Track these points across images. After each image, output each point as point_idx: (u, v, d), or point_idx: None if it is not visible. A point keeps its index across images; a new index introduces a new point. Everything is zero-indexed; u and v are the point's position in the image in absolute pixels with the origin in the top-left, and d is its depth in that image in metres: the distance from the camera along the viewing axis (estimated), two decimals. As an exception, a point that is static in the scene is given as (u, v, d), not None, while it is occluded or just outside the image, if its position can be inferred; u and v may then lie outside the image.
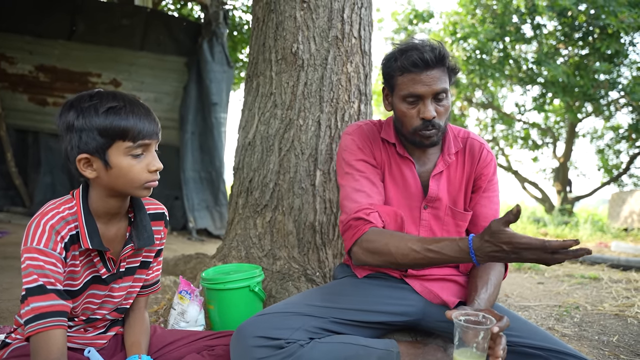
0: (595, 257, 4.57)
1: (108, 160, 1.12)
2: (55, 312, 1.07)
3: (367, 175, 1.52)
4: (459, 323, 1.13)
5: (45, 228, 1.10)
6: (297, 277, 2.03)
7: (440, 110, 1.44)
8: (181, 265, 2.74)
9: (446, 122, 1.50)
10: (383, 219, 1.45)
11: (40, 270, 1.08)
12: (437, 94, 1.42)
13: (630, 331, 2.18)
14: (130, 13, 6.05)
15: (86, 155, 1.12)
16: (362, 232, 1.39)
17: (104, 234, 1.22)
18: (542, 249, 1.08)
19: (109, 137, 1.11)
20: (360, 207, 1.44)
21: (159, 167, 1.18)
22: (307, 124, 2.13)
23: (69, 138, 1.13)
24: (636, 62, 11.04)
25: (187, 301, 1.76)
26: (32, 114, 5.73)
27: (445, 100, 1.45)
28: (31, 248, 1.08)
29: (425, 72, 1.40)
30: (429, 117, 1.42)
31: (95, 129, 1.10)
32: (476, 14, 11.60)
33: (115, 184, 1.15)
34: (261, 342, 1.20)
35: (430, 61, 1.39)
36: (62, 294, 1.11)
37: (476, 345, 1.12)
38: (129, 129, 1.11)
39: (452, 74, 1.47)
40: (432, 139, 1.48)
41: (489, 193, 1.60)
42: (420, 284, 1.54)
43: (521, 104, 13.93)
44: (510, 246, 1.12)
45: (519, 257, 1.13)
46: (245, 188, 2.22)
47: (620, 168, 13.97)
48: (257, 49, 2.28)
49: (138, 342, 1.32)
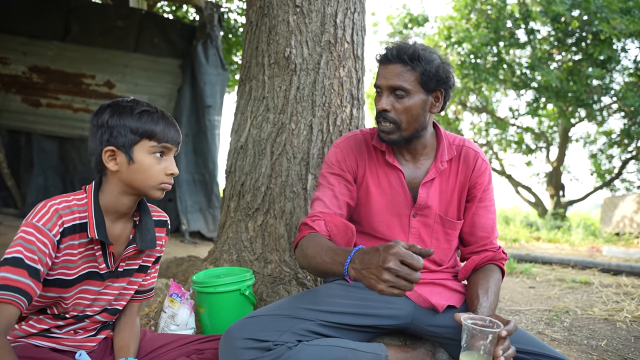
0: (586, 262, 4.61)
1: (132, 155, 1.20)
2: (17, 289, 1.06)
3: (334, 188, 1.55)
4: (468, 326, 1.16)
5: (50, 210, 1.15)
6: (288, 281, 2.03)
7: (397, 107, 1.45)
8: (173, 267, 2.73)
9: (412, 124, 1.47)
10: (329, 228, 1.46)
11: (28, 245, 1.10)
12: (393, 89, 1.44)
13: (618, 335, 2.20)
14: (125, 15, 6.03)
15: (113, 148, 1.20)
16: (301, 237, 1.45)
17: (109, 231, 1.25)
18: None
19: (138, 135, 1.21)
20: (313, 213, 1.50)
21: (176, 172, 1.26)
22: (299, 128, 2.14)
23: (99, 134, 1.21)
24: (628, 68, 11.16)
25: (178, 304, 1.76)
26: (25, 115, 5.70)
27: (406, 99, 1.44)
28: (30, 223, 1.13)
29: (386, 65, 1.46)
30: (379, 107, 1.46)
31: (127, 127, 1.20)
32: (471, 18, 11.67)
33: (133, 180, 1.22)
34: (249, 344, 1.20)
35: (390, 56, 1.44)
36: (37, 274, 1.10)
37: (483, 349, 1.14)
38: (158, 131, 1.22)
39: (426, 78, 1.43)
40: (390, 136, 1.48)
41: (486, 202, 1.61)
42: (409, 287, 1.55)
43: (515, 109, 14.00)
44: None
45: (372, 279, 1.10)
46: (237, 191, 2.22)
47: (612, 173, 14.07)
48: (250, 52, 2.29)
49: (127, 346, 1.32)
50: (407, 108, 1.45)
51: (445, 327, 1.46)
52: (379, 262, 1.06)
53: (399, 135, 1.48)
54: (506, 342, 1.18)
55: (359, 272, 1.12)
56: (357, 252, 1.16)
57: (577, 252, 6.65)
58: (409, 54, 1.42)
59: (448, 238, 1.60)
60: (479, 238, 1.61)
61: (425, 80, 1.44)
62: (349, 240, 1.48)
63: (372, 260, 1.09)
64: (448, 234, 1.60)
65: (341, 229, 1.47)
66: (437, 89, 1.47)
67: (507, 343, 1.18)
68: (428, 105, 1.48)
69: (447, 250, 1.62)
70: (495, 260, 1.56)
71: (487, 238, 1.60)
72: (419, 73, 1.43)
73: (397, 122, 1.46)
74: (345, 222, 1.49)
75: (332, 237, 1.46)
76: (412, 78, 1.43)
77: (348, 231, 1.47)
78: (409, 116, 1.46)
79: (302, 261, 1.43)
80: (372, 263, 1.08)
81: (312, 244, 1.38)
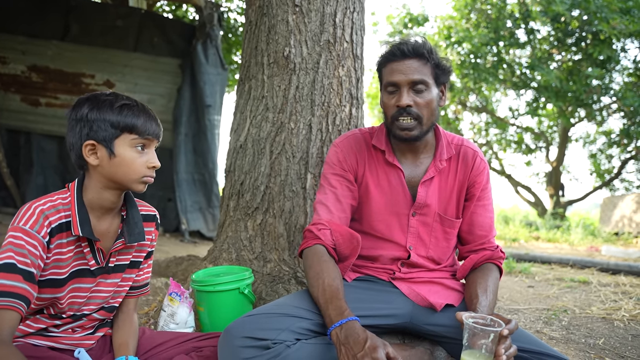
0: (585, 261, 4.62)
1: (113, 149, 1.20)
2: (15, 294, 1.07)
3: (337, 191, 1.56)
4: (470, 325, 1.16)
5: (35, 211, 1.15)
6: (287, 280, 2.04)
7: (419, 101, 1.46)
8: (173, 267, 2.74)
9: (430, 118, 1.49)
10: (334, 237, 1.48)
11: (18, 249, 1.10)
12: (414, 83, 1.45)
13: (616, 334, 2.21)
14: (125, 14, 6.03)
15: (93, 142, 1.19)
16: (306, 246, 1.47)
17: (96, 227, 1.25)
18: None
19: (119, 128, 1.20)
20: (318, 220, 1.51)
21: (157, 164, 1.25)
22: (299, 128, 2.14)
23: (78, 128, 1.20)
24: (628, 68, 11.17)
25: (177, 303, 1.77)
26: (25, 114, 5.70)
27: (426, 93, 1.46)
28: (17, 227, 1.13)
29: (402, 61, 1.46)
30: (403, 104, 1.45)
31: (107, 121, 1.19)
32: (471, 18, 11.67)
33: (115, 174, 1.21)
34: (248, 342, 1.21)
35: (407, 51, 1.45)
36: (32, 277, 1.11)
37: (485, 347, 1.15)
38: (139, 124, 1.21)
39: (439, 71, 1.48)
40: (411, 132, 1.48)
41: (484, 201, 1.61)
42: (408, 286, 1.55)
43: (515, 108, 14.01)
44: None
45: None
46: (237, 191, 2.23)
47: (612, 173, 14.08)
48: (250, 52, 2.29)
49: (126, 344, 1.33)
50: (428, 102, 1.47)
51: (443, 325, 1.47)
52: (357, 355, 1.10)
53: (420, 130, 1.49)
54: (508, 341, 1.19)
55: (339, 342, 1.17)
56: (348, 324, 1.19)
57: (576, 251, 6.66)
58: (427, 48, 1.45)
59: (447, 237, 1.61)
60: (477, 237, 1.61)
61: (438, 73, 1.48)
62: (354, 249, 1.49)
63: (354, 346, 1.13)
64: (447, 232, 1.60)
65: (347, 238, 1.48)
66: (444, 82, 1.51)
67: (508, 342, 1.19)
68: (439, 99, 1.53)
69: (445, 249, 1.62)
70: (493, 259, 1.57)
71: (485, 237, 1.60)
72: (432, 66, 1.47)
73: (420, 117, 1.47)
74: (351, 232, 1.50)
75: (337, 246, 1.48)
76: (429, 72, 1.46)
77: (353, 240, 1.49)
78: (429, 110, 1.48)
79: (304, 268, 1.47)
80: (353, 348, 1.12)
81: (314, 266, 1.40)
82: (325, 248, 1.46)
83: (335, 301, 1.27)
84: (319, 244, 1.46)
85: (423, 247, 1.59)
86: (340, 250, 1.49)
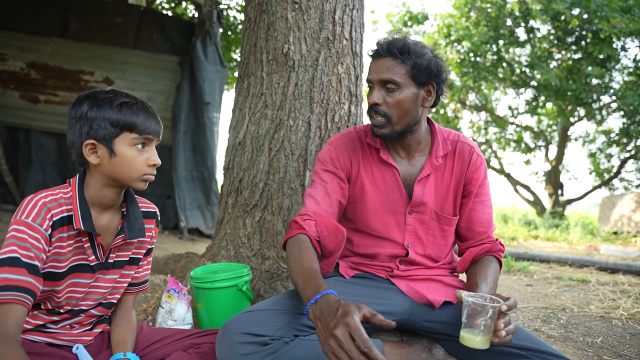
0: (584, 260, 4.62)
1: (114, 148, 1.19)
2: (21, 288, 1.07)
3: (327, 185, 1.55)
4: (469, 301, 1.15)
5: (37, 204, 1.15)
6: (285, 277, 2.04)
7: (388, 100, 1.45)
8: (171, 264, 2.74)
9: (403, 118, 1.47)
10: (319, 229, 1.44)
11: (22, 243, 1.10)
12: (384, 82, 1.45)
13: (614, 333, 2.21)
14: (124, 11, 6.02)
15: (93, 141, 1.19)
16: (290, 236, 1.43)
17: (96, 223, 1.25)
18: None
19: (119, 127, 1.19)
20: (304, 211, 1.49)
21: (158, 162, 1.25)
22: (297, 125, 2.14)
23: (78, 126, 1.19)
24: (627, 67, 11.18)
25: (175, 300, 1.77)
26: (24, 111, 5.70)
27: (397, 92, 1.44)
28: (20, 221, 1.12)
29: (377, 59, 1.47)
30: (371, 101, 1.47)
31: (107, 119, 1.18)
32: (470, 16, 11.67)
33: (116, 172, 1.21)
34: (246, 338, 1.21)
35: (381, 50, 1.46)
36: (36, 270, 1.11)
37: (484, 324, 1.14)
38: (138, 123, 1.20)
39: (416, 71, 1.43)
40: (381, 130, 1.48)
41: (482, 197, 1.61)
42: (406, 284, 1.55)
43: (514, 107, 14.04)
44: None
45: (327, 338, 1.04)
46: (235, 188, 2.23)
47: (611, 172, 14.10)
48: (249, 49, 2.29)
49: (124, 340, 1.32)
50: (398, 101, 1.45)
51: (441, 322, 1.47)
52: (330, 325, 1.02)
53: (390, 129, 1.48)
54: (507, 317, 1.18)
55: (316, 319, 1.09)
56: (323, 298, 1.11)
57: (575, 250, 6.67)
58: (399, 47, 1.43)
59: (444, 234, 1.61)
60: (476, 233, 1.61)
61: (415, 73, 1.44)
62: (339, 243, 1.46)
63: (327, 318, 1.04)
64: (444, 230, 1.60)
65: (331, 230, 1.45)
66: (428, 82, 1.47)
67: (508, 318, 1.18)
68: (420, 99, 1.48)
69: (443, 247, 1.62)
70: (492, 251, 1.56)
71: (485, 232, 1.60)
72: (409, 66, 1.44)
73: (388, 116, 1.46)
74: (336, 225, 1.47)
75: (321, 238, 1.44)
76: (402, 71, 1.44)
77: (338, 234, 1.46)
78: (399, 110, 1.46)
79: (287, 258, 1.41)
80: (326, 321, 1.04)
81: (295, 252, 1.34)
82: (309, 238, 1.41)
83: (313, 280, 1.19)
84: (303, 234, 1.42)
85: (420, 245, 1.59)
86: (325, 244, 1.45)
